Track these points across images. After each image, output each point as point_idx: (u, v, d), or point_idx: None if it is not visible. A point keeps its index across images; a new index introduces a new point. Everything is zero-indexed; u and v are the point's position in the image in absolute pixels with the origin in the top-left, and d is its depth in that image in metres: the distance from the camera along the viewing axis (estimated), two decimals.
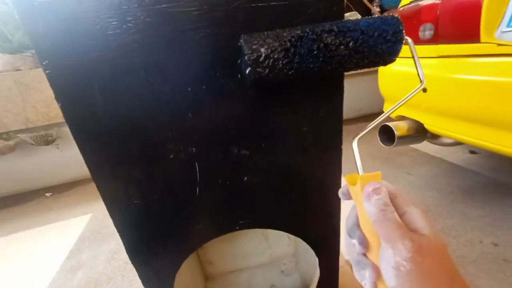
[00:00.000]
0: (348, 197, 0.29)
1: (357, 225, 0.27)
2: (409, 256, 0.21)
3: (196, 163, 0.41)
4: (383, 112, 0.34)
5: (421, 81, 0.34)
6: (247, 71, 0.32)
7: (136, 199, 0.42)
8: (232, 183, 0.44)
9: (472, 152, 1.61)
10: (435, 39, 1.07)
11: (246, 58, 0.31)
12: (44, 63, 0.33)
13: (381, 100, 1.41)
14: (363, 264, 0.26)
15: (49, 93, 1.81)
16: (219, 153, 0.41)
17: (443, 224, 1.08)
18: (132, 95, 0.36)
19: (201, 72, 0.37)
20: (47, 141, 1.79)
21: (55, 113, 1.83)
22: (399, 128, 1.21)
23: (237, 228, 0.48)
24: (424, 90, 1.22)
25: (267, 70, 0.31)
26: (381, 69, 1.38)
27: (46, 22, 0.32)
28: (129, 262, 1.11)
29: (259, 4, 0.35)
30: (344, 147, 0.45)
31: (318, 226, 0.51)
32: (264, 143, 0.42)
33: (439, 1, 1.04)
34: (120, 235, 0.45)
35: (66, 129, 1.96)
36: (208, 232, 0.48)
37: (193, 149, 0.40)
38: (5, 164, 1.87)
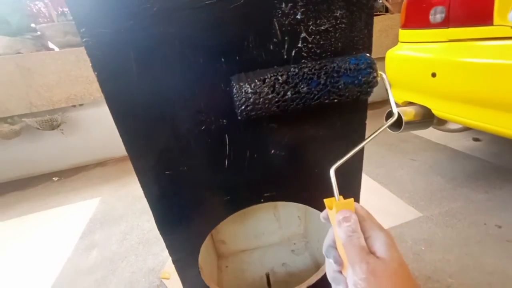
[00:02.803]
0: (327, 220, 0.33)
1: (332, 246, 0.31)
2: (363, 277, 0.25)
3: (226, 135, 0.42)
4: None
5: (392, 114, 0.36)
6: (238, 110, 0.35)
7: (168, 169, 0.43)
8: (259, 155, 0.45)
9: (475, 139, 1.63)
10: (446, 23, 1.06)
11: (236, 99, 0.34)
12: (81, 30, 0.33)
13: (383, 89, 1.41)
14: (338, 281, 0.29)
15: (52, 77, 1.80)
16: (249, 126, 0.42)
17: (447, 207, 1.11)
18: (166, 65, 0.37)
19: (235, 43, 0.37)
20: (52, 125, 1.79)
21: (59, 97, 1.81)
22: (407, 113, 1.22)
23: (262, 200, 0.50)
24: (433, 75, 1.22)
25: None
26: (388, 54, 1.37)
27: None
28: (141, 242, 1.14)
29: None
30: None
31: None
32: (292, 117, 0.43)
33: None
34: (150, 206, 0.46)
35: (70, 114, 1.97)
36: (234, 205, 0.49)
37: (224, 120, 0.41)
38: (11, 149, 1.87)
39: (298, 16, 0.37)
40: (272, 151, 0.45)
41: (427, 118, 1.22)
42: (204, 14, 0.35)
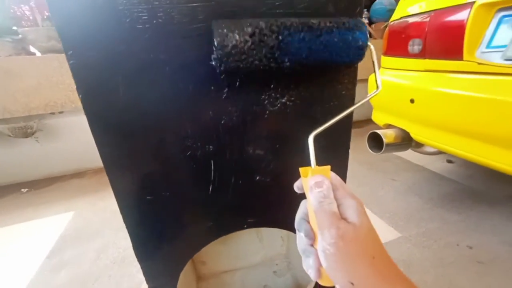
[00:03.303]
0: (302, 190, 0.32)
1: (304, 219, 0.30)
2: (332, 241, 0.25)
3: (212, 161, 0.42)
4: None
5: (377, 87, 0.37)
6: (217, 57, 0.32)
7: (149, 194, 0.42)
8: (244, 182, 0.45)
9: (449, 161, 1.73)
10: (423, 54, 1.15)
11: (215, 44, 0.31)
12: (69, 53, 0.33)
13: (369, 109, 1.48)
14: (308, 253, 0.28)
15: (31, 82, 1.71)
16: (235, 152, 0.42)
17: (424, 228, 1.15)
18: (155, 91, 0.36)
19: None
20: (26, 133, 1.69)
21: (36, 104, 1.73)
22: (387, 135, 1.28)
23: (245, 226, 0.49)
24: (412, 101, 1.29)
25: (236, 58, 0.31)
26: (371, 78, 1.45)
27: (75, 12, 0.31)
28: (117, 261, 1.08)
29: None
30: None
31: None
32: (278, 144, 0.44)
33: (428, 19, 1.12)
34: (128, 231, 0.44)
35: (48, 121, 1.87)
36: (217, 231, 0.48)
37: (210, 147, 0.41)
38: None
39: None
40: (257, 178, 0.45)
41: (406, 141, 1.28)
42: (195, 44, 0.35)
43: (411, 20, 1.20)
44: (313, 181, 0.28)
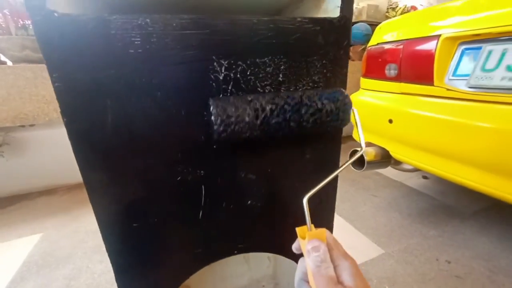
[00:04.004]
0: (300, 250, 0.34)
1: (303, 279, 0.31)
2: None
3: (203, 186, 0.41)
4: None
5: (361, 148, 0.41)
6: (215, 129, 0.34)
7: (136, 222, 0.39)
8: (236, 206, 0.44)
9: (424, 177, 1.83)
10: (398, 78, 1.23)
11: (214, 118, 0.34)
12: (54, 75, 0.31)
13: (350, 126, 1.54)
14: None
15: None
16: (226, 177, 0.42)
17: (405, 243, 1.18)
18: (146, 115, 0.35)
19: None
20: None
21: (4, 116, 1.61)
22: (368, 153, 1.33)
23: (235, 252, 0.47)
24: (390, 121, 1.36)
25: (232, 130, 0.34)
26: (352, 98, 1.52)
27: (63, 35, 0.30)
28: None
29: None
30: None
31: None
32: (270, 168, 0.44)
33: (401, 47, 1.21)
34: (111, 259, 0.41)
35: (15, 135, 1.74)
36: (206, 257, 0.46)
37: (202, 171, 0.40)
38: None
39: (280, 78, 0.40)
40: (249, 202, 0.44)
41: (385, 158, 1.34)
42: (188, 70, 0.35)
43: (387, 46, 1.30)
44: (311, 246, 0.30)
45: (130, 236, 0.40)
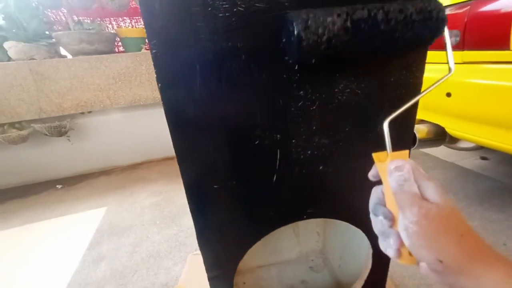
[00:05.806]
0: (377, 178, 0.32)
1: (380, 204, 0.30)
2: (414, 219, 0.25)
3: (278, 150, 0.42)
4: None
5: (450, 69, 0.35)
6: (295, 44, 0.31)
7: (217, 183, 0.42)
8: (308, 171, 0.45)
9: (483, 158, 1.65)
10: (460, 46, 1.10)
11: (294, 27, 0.31)
12: (152, 42, 0.34)
13: None
14: (388, 233, 0.29)
15: (64, 83, 1.80)
16: (300, 141, 0.42)
17: None
18: (230, 79, 0.37)
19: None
20: (61, 132, 1.76)
21: (69, 104, 1.80)
22: (420, 131, 1.24)
23: (304, 217, 0.49)
24: (448, 94, 1.24)
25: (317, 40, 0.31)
26: None
27: (163, 4, 0.32)
28: (152, 255, 1.11)
29: None
30: None
31: None
32: (343, 134, 0.43)
33: (466, 10, 1.07)
34: (194, 219, 0.45)
35: (79, 121, 1.95)
36: (277, 220, 0.48)
37: (278, 136, 0.41)
38: (16, 154, 1.83)
39: None
40: (321, 167, 0.45)
41: (439, 136, 1.24)
42: (272, 32, 0.35)
43: (447, 11, 1.16)
44: (394, 165, 0.29)
45: (211, 197, 0.44)
